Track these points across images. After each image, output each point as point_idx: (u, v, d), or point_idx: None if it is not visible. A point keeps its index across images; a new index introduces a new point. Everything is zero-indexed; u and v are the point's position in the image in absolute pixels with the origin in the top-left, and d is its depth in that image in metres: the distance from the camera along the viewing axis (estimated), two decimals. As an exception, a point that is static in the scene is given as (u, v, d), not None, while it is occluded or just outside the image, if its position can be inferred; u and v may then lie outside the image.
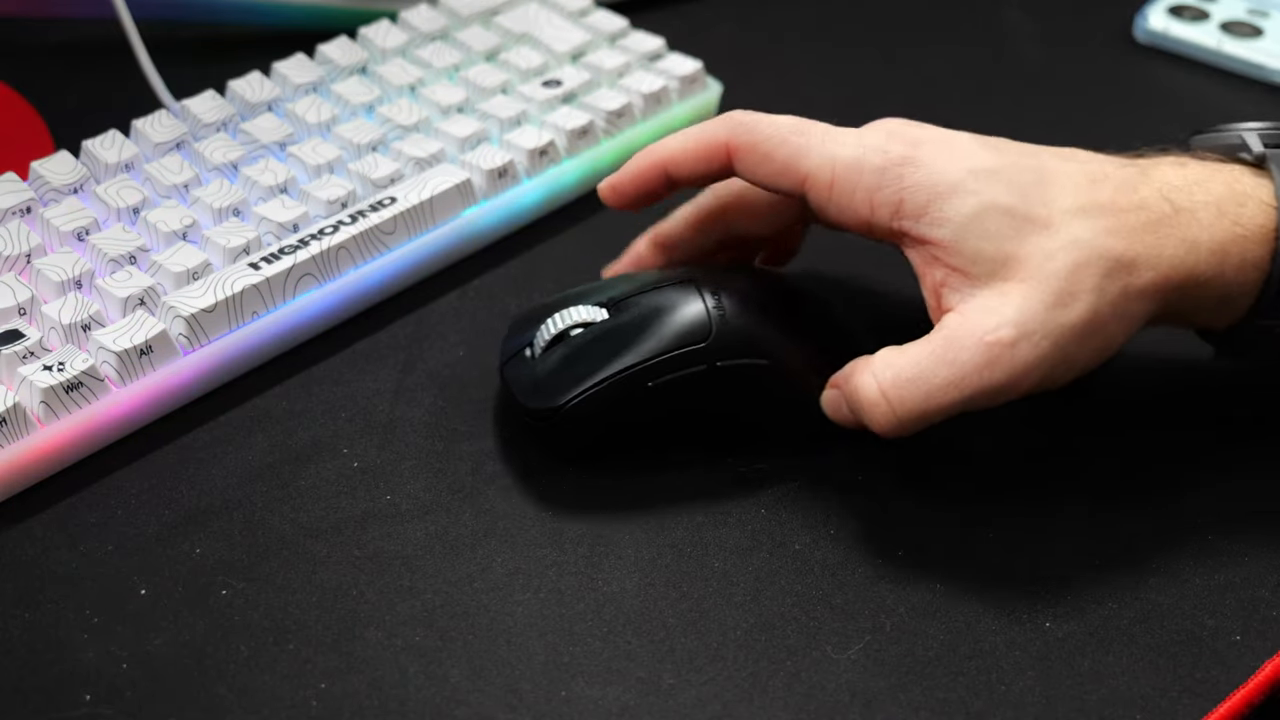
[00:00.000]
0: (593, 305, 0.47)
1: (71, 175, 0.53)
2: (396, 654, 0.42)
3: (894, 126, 0.46)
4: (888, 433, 0.44)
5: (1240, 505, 0.47)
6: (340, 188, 0.54)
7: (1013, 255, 0.43)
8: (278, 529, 0.45)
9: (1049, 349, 0.43)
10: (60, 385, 0.46)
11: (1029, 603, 0.44)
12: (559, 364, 0.47)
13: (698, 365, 0.46)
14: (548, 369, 0.47)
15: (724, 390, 0.47)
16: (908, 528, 0.46)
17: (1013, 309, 0.43)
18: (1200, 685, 0.42)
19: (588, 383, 0.46)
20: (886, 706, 0.41)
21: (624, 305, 0.47)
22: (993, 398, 0.43)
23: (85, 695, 0.40)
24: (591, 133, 0.59)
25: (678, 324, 0.46)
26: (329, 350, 0.52)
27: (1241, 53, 0.69)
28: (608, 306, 0.47)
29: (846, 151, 0.45)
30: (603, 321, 0.47)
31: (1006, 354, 0.43)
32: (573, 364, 0.46)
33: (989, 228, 0.44)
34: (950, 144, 0.45)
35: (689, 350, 0.46)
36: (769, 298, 0.49)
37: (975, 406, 0.44)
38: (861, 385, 0.44)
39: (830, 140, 0.46)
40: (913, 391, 0.43)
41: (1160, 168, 0.46)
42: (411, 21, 0.63)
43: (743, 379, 0.47)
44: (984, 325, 0.43)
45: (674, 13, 0.72)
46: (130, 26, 0.60)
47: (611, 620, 0.43)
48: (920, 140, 0.45)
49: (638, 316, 0.47)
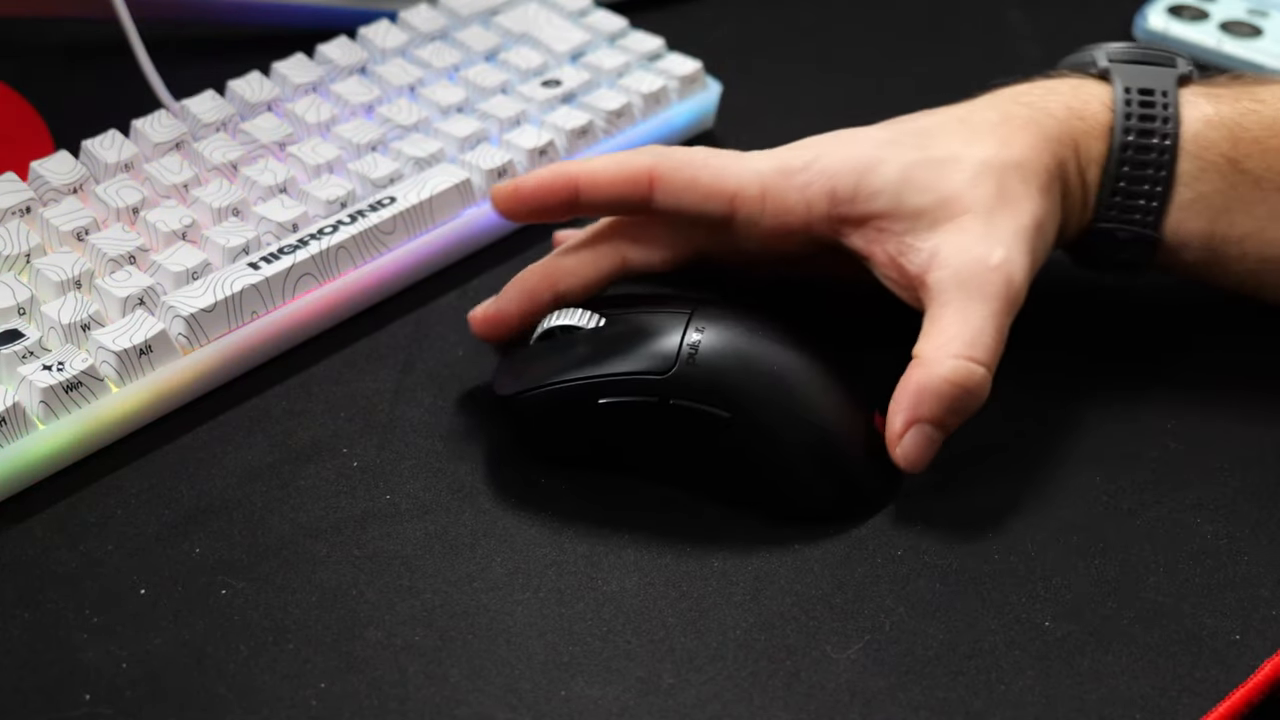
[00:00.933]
0: (591, 312, 0.47)
1: (71, 175, 0.53)
2: (396, 654, 0.42)
3: (793, 143, 0.49)
4: (986, 395, 0.45)
5: (1240, 504, 0.47)
6: (340, 188, 0.54)
7: (949, 195, 0.47)
8: (278, 529, 0.45)
9: (1029, 250, 0.46)
10: (60, 385, 0.46)
11: (1029, 603, 0.44)
12: (533, 357, 0.47)
13: (649, 395, 0.45)
14: (525, 359, 0.47)
15: (679, 432, 0.45)
16: (907, 527, 0.46)
17: (985, 235, 0.46)
18: (1200, 685, 0.42)
19: (542, 382, 0.46)
20: (886, 706, 0.41)
21: (616, 318, 0.47)
22: (1016, 310, 0.46)
23: (85, 695, 0.40)
24: (591, 133, 0.59)
25: (644, 349, 0.45)
26: (329, 350, 0.52)
27: (1241, 53, 0.69)
28: (604, 314, 0.47)
29: (767, 162, 0.48)
30: (590, 329, 0.47)
31: (1016, 268, 0.46)
32: (543, 361, 0.47)
33: (917, 182, 0.47)
34: (845, 135, 0.49)
35: (643, 379, 0.45)
36: (766, 347, 0.46)
37: (1009, 327, 0.46)
38: (951, 372, 0.44)
39: (747, 158, 0.49)
40: (987, 341, 0.45)
41: (1014, 86, 0.51)
42: (411, 21, 0.63)
43: (699, 426, 0.45)
44: (978, 256, 0.46)
45: (674, 13, 0.72)
46: (130, 26, 0.60)
47: (611, 620, 0.43)
48: (819, 141, 0.49)
49: (620, 332, 0.46)
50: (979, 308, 0.45)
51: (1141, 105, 0.49)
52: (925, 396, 0.45)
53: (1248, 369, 0.52)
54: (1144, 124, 0.48)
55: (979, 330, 0.45)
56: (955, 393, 0.44)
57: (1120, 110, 0.49)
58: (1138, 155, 0.48)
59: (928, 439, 0.45)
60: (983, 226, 0.46)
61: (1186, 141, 0.48)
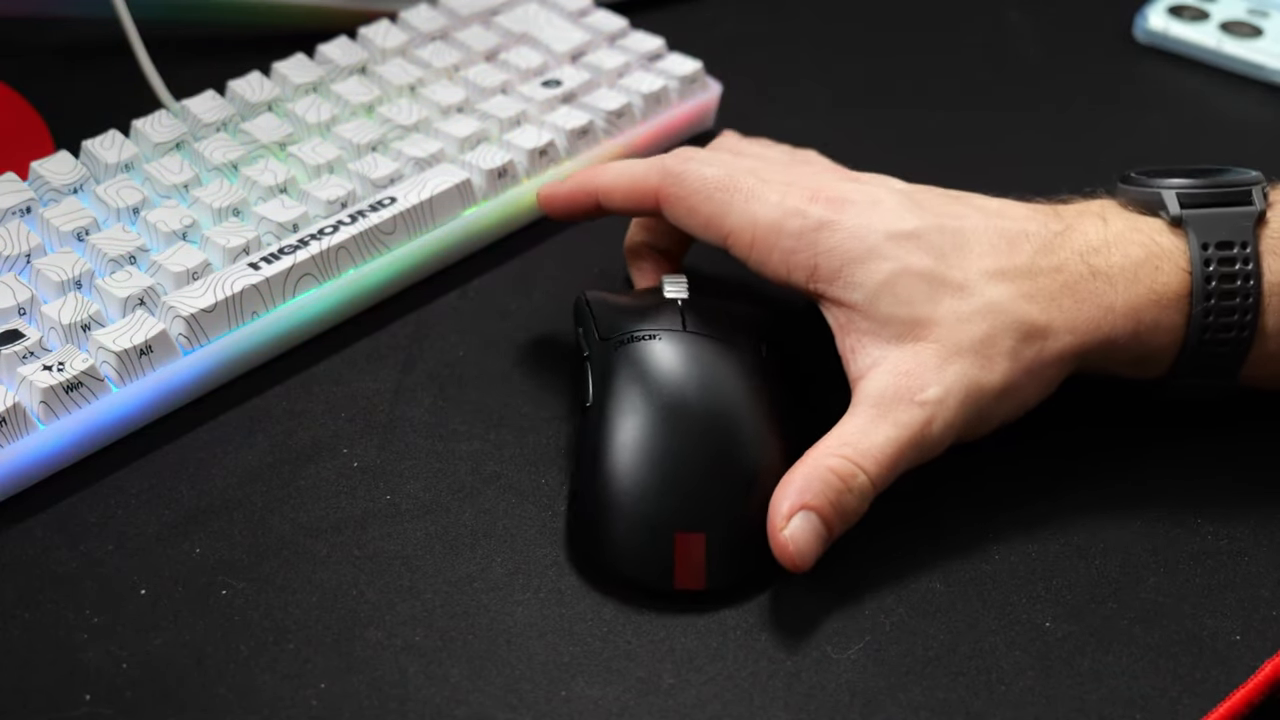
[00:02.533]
0: (680, 330, 0.47)
1: (71, 175, 0.53)
2: (396, 654, 0.42)
3: (821, 184, 0.47)
4: (863, 510, 0.44)
5: (1240, 504, 0.47)
6: (340, 188, 0.54)
7: (926, 318, 0.45)
8: (278, 529, 0.45)
9: (969, 409, 0.44)
10: (60, 385, 0.46)
11: (1029, 603, 0.44)
12: (616, 305, 0.49)
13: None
14: (614, 303, 0.49)
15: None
16: (908, 527, 0.46)
17: (932, 370, 0.44)
18: (1200, 685, 0.42)
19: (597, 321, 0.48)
20: (886, 706, 0.41)
21: (687, 328, 0.47)
22: (925, 454, 0.44)
23: (85, 695, 0.40)
24: (591, 133, 0.59)
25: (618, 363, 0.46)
26: (329, 350, 0.52)
27: (1241, 53, 0.69)
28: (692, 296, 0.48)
29: (766, 213, 0.46)
30: (660, 329, 0.47)
31: (941, 417, 0.44)
32: (620, 312, 0.48)
33: (901, 292, 0.45)
34: (874, 206, 0.46)
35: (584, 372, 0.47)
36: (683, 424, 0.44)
37: (910, 465, 0.44)
38: (837, 464, 0.43)
39: (753, 200, 0.47)
40: (878, 457, 0.43)
41: (1084, 222, 0.47)
42: (411, 21, 0.63)
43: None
44: (910, 385, 0.44)
45: (674, 13, 0.72)
46: (130, 26, 0.60)
47: (611, 620, 0.43)
48: (844, 202, 0.46)
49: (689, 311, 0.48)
50: (885, 429, 0.43)
51: (1221, 263, 0.45)
52: (811, 481, 0.43)
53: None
54: (1225, 285, 0.45)
55: (876, 445, 0.43)
56: (838, 484, 0.43)
57: (1199, 273, 0.45)
58: (1219, 319, 0.45)
59: (814, 528, 0.42)
60: (936, 361, 0.44)
61: (1270, 297, 0.45)
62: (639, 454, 0.44)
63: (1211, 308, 0.45)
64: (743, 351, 0.47)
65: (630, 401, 0.45)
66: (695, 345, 0.46)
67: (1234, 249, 0.45)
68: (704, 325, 0.47)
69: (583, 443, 0.46)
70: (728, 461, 0.44)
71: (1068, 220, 0.47)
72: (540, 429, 0.49)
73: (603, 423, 0.45)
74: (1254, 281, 0.45)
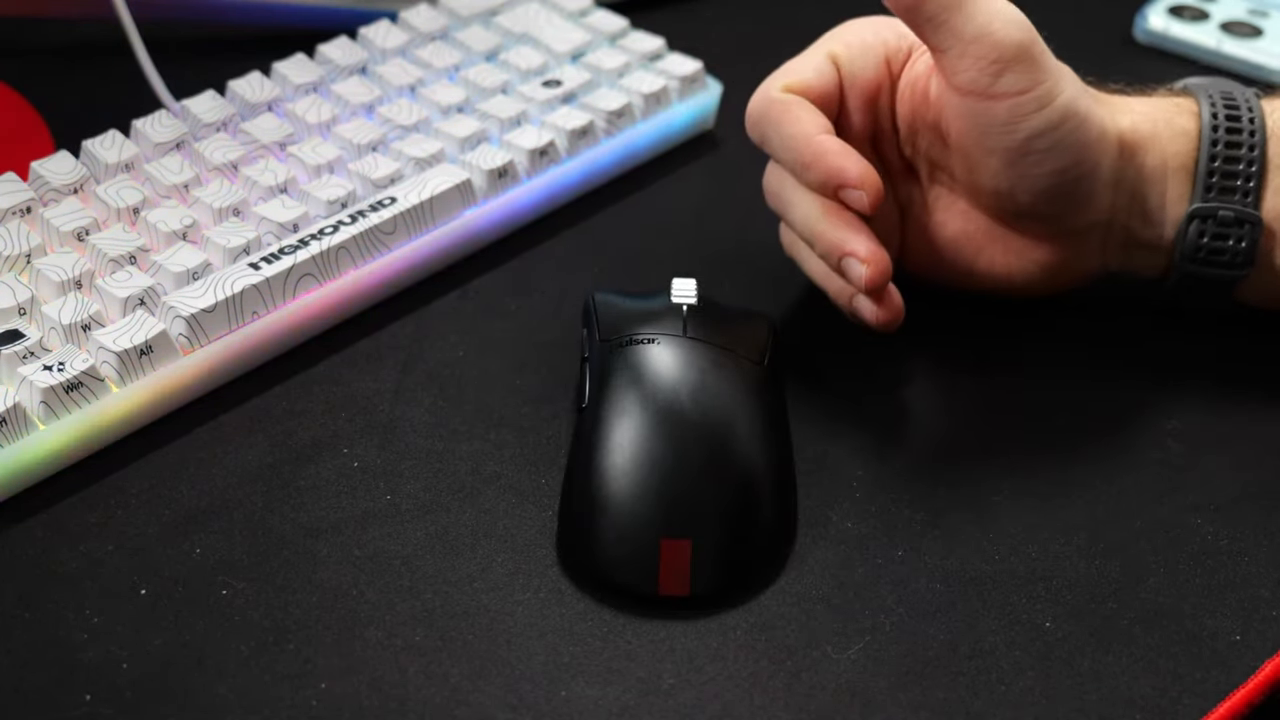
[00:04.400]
0: (680, 335, 0.47)
1: (71, 175, 0.53)
2: (396, 654, 0.42)
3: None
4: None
5: (1240, 504, 0.47)
6: (340, 188, 0.54)
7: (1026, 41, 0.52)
8: (278, 529, 0.45)
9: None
10: (60, 385, 0.46)
11: (1029, 603, 0.44)
12: (620, 307, 0.49)
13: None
14: (618, 305, 0.49)
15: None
16: (907, 528, 0.46)
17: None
18: (1200, 685, 0.42)
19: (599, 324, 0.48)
20: (886, 706, 0.41)
21: (690, 332, 0.47)
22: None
23: (85, 695, 0.40)
24: (591, 133, 0.59)
25: (618, 365, 0.46)
26: (329, 350, 0.52)
27: (1241, 53, 0.69)
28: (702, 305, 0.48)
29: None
30: (660, 334, 0.47)
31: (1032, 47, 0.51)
32: (623, 315, 0.48)
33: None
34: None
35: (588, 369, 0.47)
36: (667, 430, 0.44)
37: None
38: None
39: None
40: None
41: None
42: (411, 21, 0.63)
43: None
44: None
45: (674, 13, 0.72)
46: (130, 26, 0.60)
47: (611, 620, 0.43)
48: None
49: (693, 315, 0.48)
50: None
51: (1226, 106, 0.50)
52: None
53: (1249, 369, 0.52)
54: (1230, 121, 0.50)
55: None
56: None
57: (1206, 110, 0.50)
58: (1229, 136, 0.50)
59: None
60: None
61: (1276, 127, 0.50)
62: (628, 458, 0.44)
63: (1220, 138, 0.50)
64: (742, 360, 0.47)
65: (623, 405, 0.45)
66: (694, 351, 0.46)
67: (1235, 97, 0.51)
68: (706, 332, 0.47)
69: (575, 445, 0.46)
70: (717, 469, 0.44)
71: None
72: (540, 429, 0.49)
73: (595, 425, 0.45)
74: (1258, 118, 0.50)
